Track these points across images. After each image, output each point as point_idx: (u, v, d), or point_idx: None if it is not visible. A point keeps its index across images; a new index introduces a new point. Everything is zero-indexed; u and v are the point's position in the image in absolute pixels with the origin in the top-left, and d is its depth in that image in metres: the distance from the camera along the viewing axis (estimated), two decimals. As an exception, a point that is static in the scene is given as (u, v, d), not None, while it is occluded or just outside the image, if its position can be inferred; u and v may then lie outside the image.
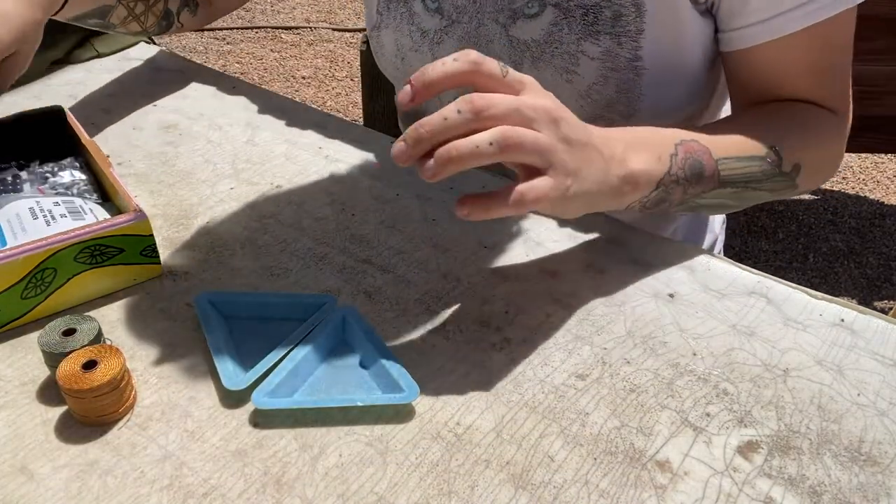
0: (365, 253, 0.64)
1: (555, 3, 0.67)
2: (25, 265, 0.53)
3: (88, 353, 0.48)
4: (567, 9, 0.67)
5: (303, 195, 0.72)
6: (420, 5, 0.74)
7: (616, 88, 0.70)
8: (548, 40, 0.69)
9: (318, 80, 3.04)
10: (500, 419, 0.49)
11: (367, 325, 0.55)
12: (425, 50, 0.77)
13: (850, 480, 0.45)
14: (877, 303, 1.90)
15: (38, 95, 0.92)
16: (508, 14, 0.69)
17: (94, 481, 0.45)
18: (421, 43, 0.77)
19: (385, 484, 0.45)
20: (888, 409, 0.50)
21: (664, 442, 0.47)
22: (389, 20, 0.78)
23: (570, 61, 0.69)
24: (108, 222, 0.57)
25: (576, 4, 0.66)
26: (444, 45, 0.75)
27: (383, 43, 0.81)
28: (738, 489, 0.44)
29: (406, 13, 0.76)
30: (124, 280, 0.59)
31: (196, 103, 0.90)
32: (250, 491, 0.44)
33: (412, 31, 0.77)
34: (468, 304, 0.59)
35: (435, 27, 0.75)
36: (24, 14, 0.65)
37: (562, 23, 0.67)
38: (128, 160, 0.78)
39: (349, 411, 0.49)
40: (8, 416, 0.49)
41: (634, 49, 0.67)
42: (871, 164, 2.44)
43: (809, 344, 0.55)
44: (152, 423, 0.48)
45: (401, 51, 0.79)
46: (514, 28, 0.70)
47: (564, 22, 0.67)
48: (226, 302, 0.57)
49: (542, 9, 0.68)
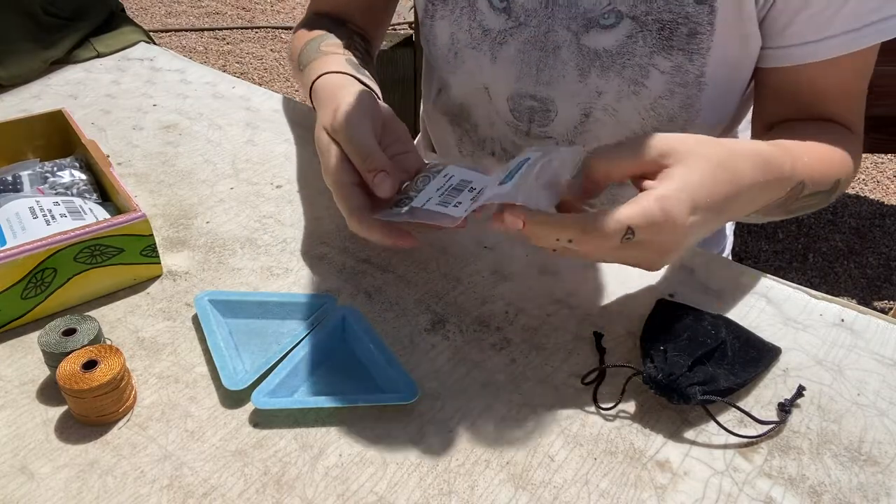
0: (365, 253, 0.64)
1: (633, 16, 0.67)
2: (25, 265, 0.53)
3: (88, 353, 0.48)
4: (644, 22, 0.66)
5: (303, 195, 0.71)
6: (485, 2, 0.72)
7: (680, 103, 0.71)
8: (620, 51, 0.69)
9: (319, 80, 3.04)
10: (500, 419, 0.49)
11: (367, 325, 0.55)
12: (485, 49, 0.74)
13: (850, 480, 0.45)
14: (877, 303, 1.90)
15: (38, 95, 0.92)
16: (582, 22, 0.69)
17: (94, 481, 0.45)
18: (481, 41, 0.74)
19: (385, 484, 0.45)
20: (888, 409, 0.50)
21: (664, 442, 0.47)
22: (446, 11, 0.76)
23: (641, 73, 0.69)
24: (108, 222, 0.57)
25: (653, 19, 0.66)
26: (508, 46, 0.73)
27: (436, 34, 0.78)
28: (738, 489, 0.44)
29: (468, 7, 0.74)
30: (124, 280, 0.59)
31: (196, 103, 0.90)
32: (250, 491, 0.44)
33: (472, 27, 0.74)
34: (468, 304, 0.58)
35: (499, 27, 0.73)
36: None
37: (637, 35, 0.67)
38: (128, 160, 0.78)
39: (349, 411, 0.49)
40: (8, 416, 0.49)
41: (702, 66, 0.68)
42: (871, 165, 2.44)
43: (809, 344, 0.55)
44: (152, 423, 0.48)
45: (455, 45, 0.77)
46: (587, 37, 0.69)
47: (640, 35, 0.67)
48: (226, 302, 0.57)
49: (619, 20, 0.67)
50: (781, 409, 0.49)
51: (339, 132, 0.59)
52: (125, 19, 1.10)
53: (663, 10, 0.65)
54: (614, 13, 0.67)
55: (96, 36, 1.04)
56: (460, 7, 0.75)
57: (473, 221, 0.57)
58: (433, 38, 0.79)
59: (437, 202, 0.54)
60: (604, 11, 0.67)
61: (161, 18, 3.54)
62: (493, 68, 0.75)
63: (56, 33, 0.99)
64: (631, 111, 0.72)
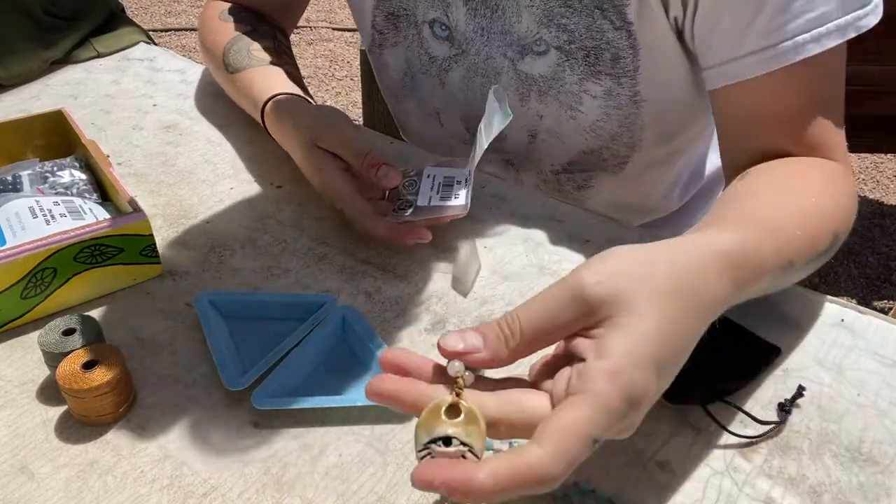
0: (365, 253, 0.64)
1: (557, 46, 0.67)
2: (25, 265, 0.53)
3: (88, 353, 0.48)
4: (569, 51, 0.67)
5: (303, 195, 0.71)
6: (428, 31, 0.75)
7: (619, 123, 0.71)
8: (554, 77, 0.70)
9: (318, 79, 3.04)
10: (500, 419, 0.49)
11: (367, 325, 0.55)
12: (433, 74, 0.78)
13: (850, 480, 0.45)
14: (877, 303, 1.90)
15: (38, 95, 0.92)
16: (517, 49, 0.70)
17: (94, 481, 0.45)
18: (430, 67, 0.77)
19: (385, 484, 0.45)
20: (888, 409, 0.50)
21: (664, 442, 0.47)
22: (398, 38, 0.78)
23: (574, 99, 0.70)
24: (107, 222, 0.57)
25: (577, 47, 0.67)
26: (454, 72, 0.76)
27: (387, 62, 0.81)
28: (738, 489, 0.44)
29: (416, 35, 0.76)
30: (124, 280, 0.59)
31: (196, 103, 0.90)
32: (250, 491, 0.44)
33: (421, 54, 0.77)
34: (468, 304, 0.58)
35: (444, 54, 0.75)
36: None
37: (565, 64, 0.68)
38: (128, 160, 0.78)
39: (349, 411, 0.49)
40: (8, 416, 0.49)
41: (633, 86, 0.68)
42: (871, 165, 2.44)
43: (809, 344, 0.55)
44: (152, 423, 0.48)
45: (410, 69, 0.80)
46: (523, 63, 0.70)
47: (567, 63, 0.68)
48: (226, 302, 0.57)
49: (548, 49, 0.68)
50: (781, 409, 0.49)
51: (331, 137, 0.63)
52: (125, 20, 1.10)
53: (585, 37, 0.66)
54: (543, 41, 0.68)
55: (96, 36, 1.04)
56: (410, 34, 0.77)
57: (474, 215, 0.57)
58: (384, 66, 0.82)
59: (439, 199, 0.63)
60: (534, 40, 0.68)
61: (161, 18, 3.54)
62: (442, 93, 0.78)
63: (56, 33, 0.99)
64: (573, 133, 0.74)
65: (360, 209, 0.62)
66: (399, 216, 0.63)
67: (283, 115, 0.70)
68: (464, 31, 0.72)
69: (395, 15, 0.77)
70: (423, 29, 0.75)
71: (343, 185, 0.63)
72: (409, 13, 0.76)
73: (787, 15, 0.54)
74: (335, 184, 0.63)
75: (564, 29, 0.66)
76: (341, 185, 0.63)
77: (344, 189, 0.63)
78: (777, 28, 0.55)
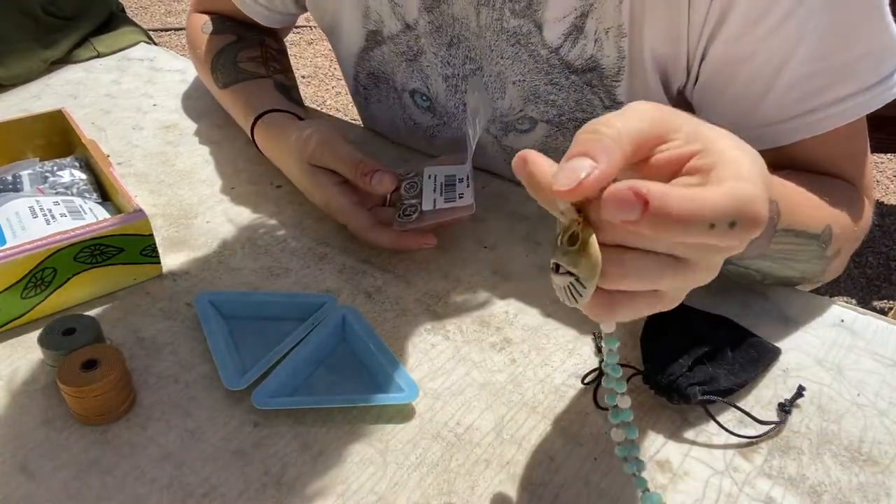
0: (365, 253, 0.64)
1: (546, 120, 0.67)
2: (25, 265, 0.53)
3: (88, 353, 0.48)
4: (559, 123, 0.67)
5: (303, 195, 0.71)
6: (409, 99, 0.75)
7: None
8: (543, 149, 0.68)
9: (318, 79, 3.04)
10: (500, 419, 0.49)
11: (367, 325, 0.55)
12: (419, 136, 0.78)
13: (850, 480, 0.45)
14: (876, 303, 1.90)
15: (38, 95, 0.92)
16: (500, 126, 0.70)
17: (94, 481, 0.45)
18: (415, 130, 0.77)
19: (385, 484, 0.45)
20: (888, 409, 0.50)
21: (664, 442, 0.47)
22: (381, 97, 0.78)
23: None
24: (107, 222, 0.57)
25: (567, 118, 0.66)
26: (438, 139, 0.76)
27: (374, 114, 0.81)
28: (738, 489, 0.44)
29: (397, 101, 0.76)
30: (124, 280, 0.59)
31: (196, 103, 0.90)
32: (250, 491, 0.44)
33: (405, 118, 0.77)
34: (468, 304, 0.58)
35: (427, 123, 0.75)
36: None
37: (555, 134, 0.68)
38: (128, 160, 0.78)
39: (349, 411, 0.49)
40: (8, 416, 0.49)
41: None
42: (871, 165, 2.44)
43: (809, 344, 0.55)
44: (152, 423, 0.48)
45: (395, 126, 0.80)
46: (507, 139, 0.70)
47: (557, 133, 0.68)
48: (226, 302, 0.57)
49: (534, 125, 0.68)
50: (781, 409, 0.49)
51: (323, 154, 0.63)
52: (125, 19, 1.10)
53: (575, 110, 0.65)
54: (527, 119, 0.68)
55: (96, 36, 1.04)
56: (392, 97, 0.77)
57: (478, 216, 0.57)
58: (372, 116, 0.82)
59: (444, 201, 0.62)
60: (517, 117, 0.68)
61: (161, 17, 3.54)
62: (431, 150, 0.79)
63: (56, 33, 0.99)
64: None
65: (361, 222, 0.62)
66: (405, 222, 0.62)
67: (273, 137, 0.71)
68: (444, 104, 0.72)
69: (377, 76, 0.76)
70: (405, 96, 0.75)
71: (342, 200, 0.63)
72: (389, 79, 0.75)
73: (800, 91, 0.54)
74: (334, 199, 0.63)
75: (553, 104, 0.65)
76: (340, 200, 0.63)
77: (343, 203, 0.63)
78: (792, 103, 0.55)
